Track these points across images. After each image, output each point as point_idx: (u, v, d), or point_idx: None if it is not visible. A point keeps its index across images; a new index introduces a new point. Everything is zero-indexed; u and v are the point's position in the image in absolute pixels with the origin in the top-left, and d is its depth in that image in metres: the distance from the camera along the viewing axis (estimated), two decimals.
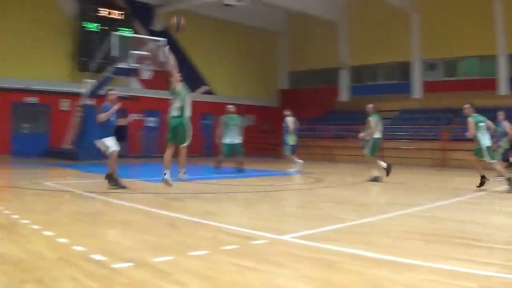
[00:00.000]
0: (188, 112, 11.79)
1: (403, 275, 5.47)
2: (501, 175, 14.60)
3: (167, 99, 12.00)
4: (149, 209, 10.27)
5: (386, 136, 30.29)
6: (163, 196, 9.69)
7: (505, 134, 18.46)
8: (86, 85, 26.37)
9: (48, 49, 29.62)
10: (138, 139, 32.40)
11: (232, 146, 20.05)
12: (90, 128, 21.48)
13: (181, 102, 11.72)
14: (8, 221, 8.36)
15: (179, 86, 11.83)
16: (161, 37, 26.03)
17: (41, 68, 29.21)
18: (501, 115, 18.82)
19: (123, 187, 13.00)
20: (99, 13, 31.79)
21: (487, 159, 13.91)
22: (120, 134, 16.91)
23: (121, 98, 29.11)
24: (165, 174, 11.75)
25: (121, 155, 14.17)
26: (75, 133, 26.49)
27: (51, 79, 29.75)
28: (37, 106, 29.37)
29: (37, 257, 5.97)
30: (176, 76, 11.85)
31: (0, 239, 6.92)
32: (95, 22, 31.51)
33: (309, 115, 38.06)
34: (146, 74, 24.18)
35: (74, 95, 29.18)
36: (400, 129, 30.86)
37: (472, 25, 31.30)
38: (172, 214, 9.18)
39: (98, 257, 6.01)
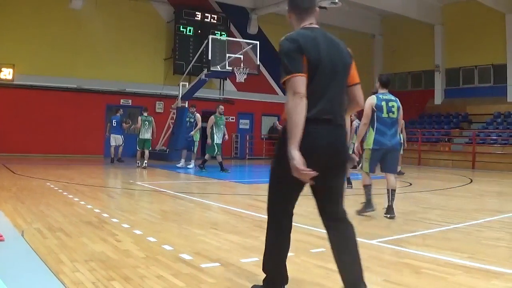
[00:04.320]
0: None
1: (489, 283, 5.34)
2: None
3: (260, 101, 12.02)
4: (237, 209, 10.31)
5: (479, 141, 29.76)
6: (251, 197, 9.76)
7: None
8: (181, 88, 26.72)
9: (143, 52, 30.20)
10: (230, 141, 32.64)
11: (218, 146, 20.48)
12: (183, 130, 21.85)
13: None
14: (98, 219, 8.55)
15: None
16: (255, 40, 26.12)
17: (137, 71, 29.85)
18: None
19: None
20: (195, 17, 32.14)
21: None
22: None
23: (216, 101, 29.65)
24: None
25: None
26: (169, 135, 26.89)
27: (146, 82, 30.31)
28: (131, 108, 29.91)
29: (125, 255, 6.08)
30: None
31: (89, 237, 7.08)
32: (190, 26, 31.88)
33: (403, 118, 37.51)
34: (241, 77, 24.26)
35: (168, 98, 29.67)
36: (493, 133, 30.16)
37: None
38: (260, 215, 9.18)
39: (185, 256, 6.07)
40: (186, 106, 24.74)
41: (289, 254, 5.65)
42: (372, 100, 10.18)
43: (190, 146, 21.68)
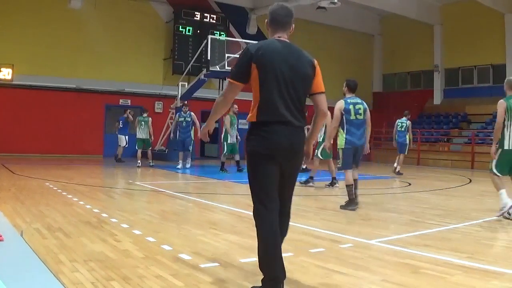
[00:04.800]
0: None
1: (488, 283, 5.35)
2: None
3: None
4: (236, 209, 10.33)
5: (478, 141, 29.78)
6: (250, 197, 9.87)
7: None
8: (180, 88, 26.72)
9: (143, 52, 30.19)
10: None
11: (233, 145, 20.62)
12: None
13: None
14: (97, 219, 8.56)
15: None
16: (254, 40, 26.14)
17: (136, 70, 29.84)
18: None
19: None
20: (194, 17, 32.14)
21: None
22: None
23: (214, 101, 29.75)
24: None
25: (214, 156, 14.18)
26: (168, 135, 26.89)
27: (145, 82, 30.32)
28: (130, 108, 29.93)
29: (124, 255, 6.09)
30: None
31: (89, 237, 7.09)
32: (189, 26, 31.88)
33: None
34: None
35: (167, 98, 29.69)
36: (492, 133, 30.10)
37: None
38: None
39: (184, 256, 6.09)
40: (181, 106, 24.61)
41: (288, 254, 5.71)
42: (340, 104, 11.06)
43: (187, 146, 21.58)
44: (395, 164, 21.80)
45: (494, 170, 10.07)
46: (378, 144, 36.80)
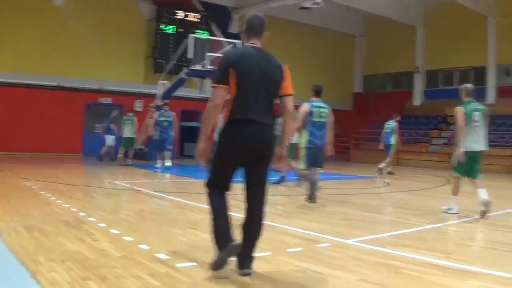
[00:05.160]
0: None
1: (465, 283, 5.42)
2: None
3: None
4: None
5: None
6: (231, 197, 9.78)
7: None
8: (161, 86, 26.63)
9: (124, 50, 30.05)
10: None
11: None
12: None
13: None
14: (75, 218, 8.52)
15: None
16: (237, 39, 26.12)
17: (116, 69, 29.70)
18: None
19: None
20: (176, 15, 32.08)
21: None
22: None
23: (196, 100, 29.61)
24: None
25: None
26: (147, 134, 26.79)
27: (126, 80, 30.22)
28: (110, 106, 29.85)
29: (102, 254, 6.08)
30: None
31: (66, 236, 7.06)
32: (172, 25, 31.80)
33: (381, 119, 37.76)
34: None
35: (148, 96, 29.60)
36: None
37: None
38: (238, 215, 9.18)
39: (162, 256, 6.10)
40: (162, 105, 24.42)
41: (265, 253, 5.78)
42: (305, 107, 12.07)
43: (167, 145, 21.35)
44: (381, 165, 21.91)
45: (456, 173, 10.81)
46: (357, 144, 36.96)
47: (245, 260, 5.44)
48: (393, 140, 21.96)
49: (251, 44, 5.60)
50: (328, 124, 12.39)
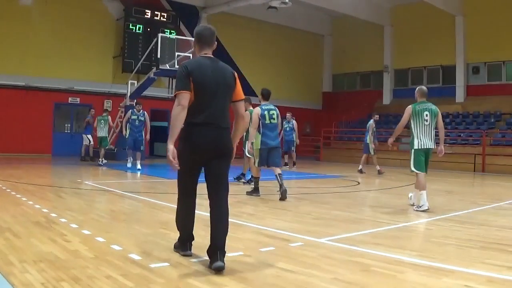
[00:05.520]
0: None
1: (438, 280, 5.43)
2: None
3: None
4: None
5: None
6: (200, 196, 9.85)
7: None
8: (129, 86, 26.53)
9: (92, 50, 29.89)
10: None
11: None
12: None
13: None
14: (46, 219, 8.46)
15: None
16: None
17: (85, 68, 29.50)
18: None
19: None
20: (144, 15, 31.96)
21: None
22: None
23: (165, 100, 29.55)
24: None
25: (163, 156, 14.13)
26: (117, 134, 26.67)
27: (94, 80, 30.03)
28: (79, 106, 29.69)
29: (74, 255, 6.05)
30: None
31: (38, 237, 7.01)
32: (140, 24, 31.68)
33: (351, 118, 37.96)
34: None
35: (117, 96, 29.48)
36: (444, 133, 30.62)
37: None
38: (208, 214, 9.17)
39: (134, 256, 6.09)
40: (134, 104, 24.25)
41: (238, 253, 5.83)
42: (257, 110, 12.83)
43: (139, 146, 21.12)
44: (360, 165, 22.17)
45: (414, 169, 11.32)
46: (327, 143, 37.09)
47: (216, 254, 5.61)
48: (368, 138, 22.20)
49: (204, 55, 6.10)
50: (279, 125, 13.31)
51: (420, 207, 10.88)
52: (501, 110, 31.16)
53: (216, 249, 5.65)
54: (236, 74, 6.18)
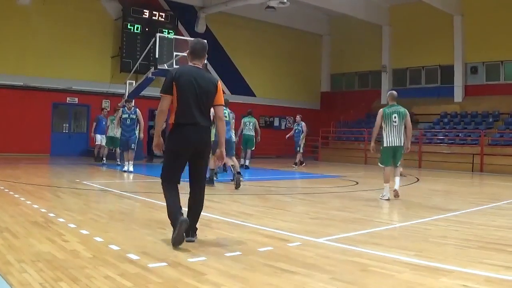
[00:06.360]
0: None
1: (437, 280, 5.42)
2: None
3: None
4: (184, 209, 10.32)
5: (426, 140, 30.28)
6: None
7: None
8: (127, 86, 26.48)
9: (91, 49, 29.92)
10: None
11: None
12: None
13: None
14: (44, 219, 8.45)
15: None
16: (203, 39, 26.03)
17: (83, 68, 29.55)
18: None
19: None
20: (142, 15, 31.96)
21: None
22: None
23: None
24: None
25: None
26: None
27: (93, 80, 30.07)
28: (77, 106, 29.69)
29: (72, 255, 6.04)
30: None
31: (36, 237, 7.01)
32: (138, 24, 31.68)
33: (349, 118, 37.96)
34: None
35: (115, 96, 29.46)
36: (440, 133, 30.72)
37: None
38: (209, 215, 9.18)
39: (132, 256, 6.07)
40: (125, 102, 23.77)
41: (236, 253, 5.85)
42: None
43: (130, 145, 20.37)
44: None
45: (380, 164, 13.40)
46: (326, 143, 37.05)
47: (190, 230, 6.89)
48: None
49: (193, 64, 7.11)
50: (231, 123, 15.46)
51: (383, 196, 12.86)
52: (499, 110, 31.19)
53: (191, 228, 6.91)
54: (219, 83, 7.17)
